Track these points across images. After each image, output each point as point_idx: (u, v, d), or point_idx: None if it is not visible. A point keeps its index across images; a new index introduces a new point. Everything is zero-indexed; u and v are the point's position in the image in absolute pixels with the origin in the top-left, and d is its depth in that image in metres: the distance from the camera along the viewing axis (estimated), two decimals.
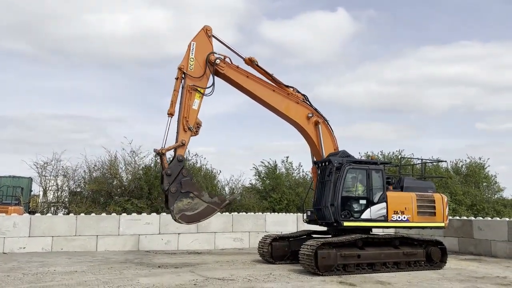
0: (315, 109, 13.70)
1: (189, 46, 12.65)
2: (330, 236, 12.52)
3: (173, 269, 11.73)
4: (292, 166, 26.51)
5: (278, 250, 13.25)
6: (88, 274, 10.62)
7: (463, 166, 31.27)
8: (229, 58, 13.03)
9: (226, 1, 62.10)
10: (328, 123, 13.77)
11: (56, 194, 23.86)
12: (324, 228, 13.26)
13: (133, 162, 23.17)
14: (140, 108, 74.50)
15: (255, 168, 26.55)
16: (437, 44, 72.99)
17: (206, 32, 12.95)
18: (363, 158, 20.69)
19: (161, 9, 63.83)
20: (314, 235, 13.33)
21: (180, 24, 63.76)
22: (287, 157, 26.54)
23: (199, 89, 12.41)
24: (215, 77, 12.81)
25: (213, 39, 13.12)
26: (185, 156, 12.31)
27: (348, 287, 9.47)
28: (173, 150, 12.04)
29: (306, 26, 68.25)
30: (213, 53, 12.77)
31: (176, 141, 12.03)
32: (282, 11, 76.09)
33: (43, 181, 23.88)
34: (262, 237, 13.80)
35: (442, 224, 12.98)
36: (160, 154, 11.87)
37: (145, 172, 22.85)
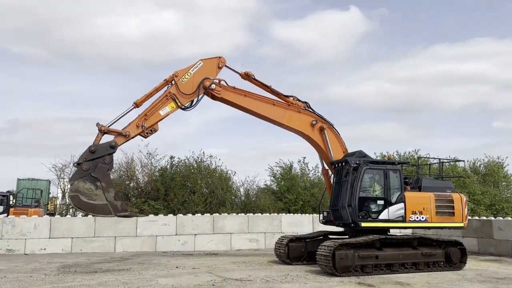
0: (319, 115, 13.43)
1: (195, 62, 12.57)
2: (347, 237, 12.47)
3: (191, 269, 11.82)
4: (307, 166, 26.46)
5: (294, 251, 13.24)
6: (108, 275, 10.77)
7: (481, 166, 30.81)
8: (225, 81, 12.76)
9: (237, 2, 62.37)
10: (333, 127, 13.51)
11: None
12: (341, 229, 13.21)
13: (150, 164, 23.41)
14: None
15: (270, 169, 26.58)
16: (449, 42, 72.14)
17: (218, 62, 12.80)
18: (379, 158, 20.55)
19: (172, 11, 64.41)
20: (330, 236, 13.29)
21: (190, 26, 64.26)
22: (304, 158, 26.49)
23: (177, 100, 12.13)
24: (208, 97, 12.63)
25: (224, 68, 12.98)
26: (118, 145, 11.56)
27: None
28: (114, 134, 11.63)
29: (317, 25, 68.14)
30: (208, 78, 12.49)
31: (123, 129, 11.66)
32: (293, 11, 76.09)
33: (61, 183, 24.31)
34: (279, 238, 13.81)
35: (461, 224, 12.81)
36: (100, 130, 11.40)
37: (161, 173, 23.08)
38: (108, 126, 11.51)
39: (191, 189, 22.63)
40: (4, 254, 15.06)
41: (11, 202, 21.95)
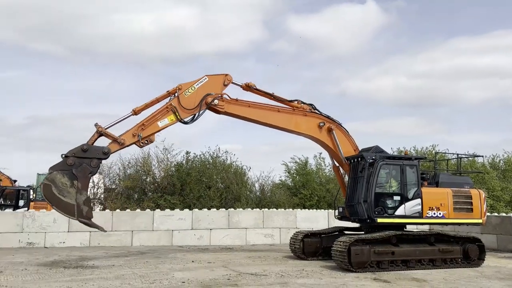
0: (325, 116, 13.21)
1: (201, 77, 12.32)
2: (363, 232, 12.40)
3: (206, 264, 11.92)
4: (324, 162, 26.34)
5: (310, 246, 13.22)
6: (125, 268, 10.94)
7: (501, 161, 30.21)
8: (227, 95, 12.53)
9: None
10: (341, 126, 13.30)
11: (92, 191, 24.61)
12: (356, 225, 13.15)
13: (166, 159, 23.64)
14: None
15: (285, 165, 26.56)
16: (468, 35, 70.55)
17: (224, 80, 12.54)
18: (395, 153, 20.33)
19: (187, 7, 64.44)
20: (346, 232, 13.23)
21: (206, 22, 64.24)
22: (320, 153, 26.36)
23: (177, 113, 11.89)
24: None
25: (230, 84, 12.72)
26: (111, 152, 11.38)
27: (382, 284, 9.37)
28: (109, 139, 11.47)
29: (333, 19, 67.39)
30: (210, 94, 12.22)
31: (120, 135, 11.45)
32: (309, 5, 75.33)
33: None
34: (294, 233, 13.81)
35: (480, 221, 12.61)
36: (98, 131, 11.27)
37: (177, 169, 23.29)
38: (106, 128, 11.37)
39: (207, 184, 22.80)
40: (24, 247, 15.42)
41: (31, 197, 22.40)
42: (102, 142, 11.58)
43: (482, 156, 28.63)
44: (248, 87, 12.95)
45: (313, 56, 71.53)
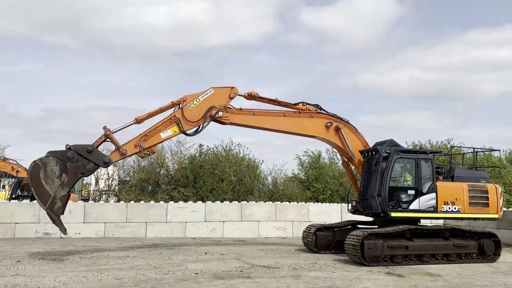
0: (332, 115, 13.04)
1: (206, 90, 12.15)
2: (376, 226, 12.33)
3: (219, 255, 12.00)
4: (336, 155, 26.22)
5: (322, 240, 13.21)
6: (139, 259, 11.08)
7: None
8: (231, 105, 12.35)
9: None
10: (349, 124, 13.16)
11: (107, 183, 24.95)
12: (370, 219, 13.08)
13: (179, 152, 23.82)
14: None
15: (298, 158, 26.52)
16: (484, 27, 69.22)
17: (230, 92, 12.33)
18: (410, 147, 20.11)
19: (200, 0, 64.43)
20: (359, 226, 13.17)
21: (219, 15, 64.17)
22: (333, 147, 26.24)
23: (180, 125, 11.78)
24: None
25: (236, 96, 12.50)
26: (111, 163, 11.46)
27: (396, 278, 9.31)
28: (114, 145, 11.48)
29: (347, 11, 66.74)
30: (213, 107, 12.04)
31: (122, 145, 11.40)
32: None
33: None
34: (307, 227, 13.80)
35: (496, 216, 12.42)
36: (105, 134, 11.25)
37: (191, 161, 23.46)
38: (113, 132, 11.36)
39: (220, 177, 22.91)
40: (41, 237, 15.72)
41: None
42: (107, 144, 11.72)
43: (499, 150, 28.09)
44: (251, 96, 12.68)
45: (326, 49, 71.01)
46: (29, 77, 69.70)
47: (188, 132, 12.08)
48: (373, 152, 12.40)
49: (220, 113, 12.13)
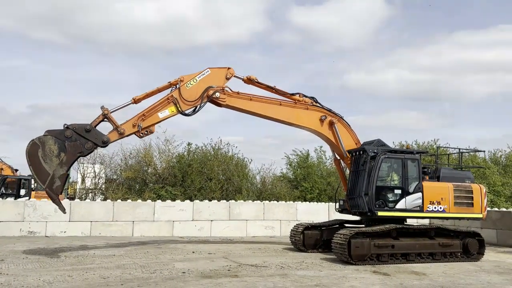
0: (327, 109, 13.14)
1: (203, 70, 12.23)
2: (363, 225, 12.42)
3: (207, 254, 11.97)
4: (324, 155, 26.36)
5: (310, 239, 13.26)
6: (126, 258, 11.00)
7: (502, 156, 30.18)
8: (228, 87, 12.44)
9: None
10: (343, 119, 13.25)
11: (93, 181, 24.70)
12: (357, 218, 13.17)
13: (167, 151, 23.69)
14: None
15: (287, 157, 26.57)
16: (473, 29, 70.22)
17: (227, 73, 12.42)
18: (397, 147, 20.29)
19: None
20: (346, 225, 13.26)
21: (208, 12, 64.01)
22: (321, 147, 26.38)
23: (178, 105, 11.81)
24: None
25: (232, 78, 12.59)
26: (110, 142, 11.31)
27: (382, 277, 9.40)
28: (112, 125, 11.38)
29: (337, 11, 67.14)
30: (211, 87, 12.14)
31: (120, 124, 11.35)
32: None
33: (81, 168, 24.75)
34: (294, 226, 13.85)
35: (480, 216, 12.61)
36: (104, 113, 11.17)
37: (179, 160, 23.34)
38: (111, 112, 11.28)
39: (208, 176, 22.84)
40: (26, 236, 15.51)
41: (32, 186, 22.48)
42: (103, 125, 11.53)
43: (484, 151, 28.64)
44: (250, 80, 12.84)
45: (316, 48, 71.26)
46: (15, 73, 68.70)
47: (185, 112, 12.06)
48: (361, 152, 12.50)
49: (217, 94, 12.17)
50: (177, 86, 11.98)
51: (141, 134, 11.72)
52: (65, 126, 10.86)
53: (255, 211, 18.24)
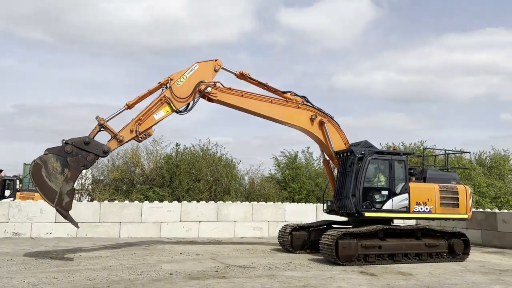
0: (318, 109, 13.22)
1: (191, 66, 12.23)
2: (351, 226, 12.50)
3: (194, 256, 11.92)
4: (312, 156, 26.49)
5: (298, 240, 13.29)
6: (112, 260, 10.89)
7: (487, 158, 30.67)
8: (220, 83, 12.49)
9: None
10: (333, 120, 13.35)
11: (80, 182, 24.39)
12: (344, 219, 13.24)
13: (155, 151, 23.55)
14: None
15: (275, 158, 26.63)
16: (460, 32, 71.26)
17: (215, 65, 12.46)
18: (384, 149, 20.47)
19: None
20: (334, 225, 13.32)
21: (197, 12, 63.87)
22: (308, 148, 26.52)
23: (172, 104, 11.81)
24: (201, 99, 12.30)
25: (221, 71, 12.66)
26: (110, 151, 11.35)
27: (369, 277, 9.47)
28: (109, 133, 11.35)
29: (325, 13, 67.52)
30: (203, 81, 12.17)
31: (117, 132, 11.32)
32: None
33: None
34: (282, 227, 13.87)
35: (466, 216, 12.78)
36: (100, 123, 11.12)
37: (166, 161, 23.21)
38: (107, 121, 11.23)
39: (196, 177, 22.77)
40: (10, 237, 15.26)
41: (17, 187, 22.17)
42: (101, 134, 11.44)
43: (469, 153, 29.11)
44: (242, 76, 12.92)
45: (304, 49, 71.59)
46: (1, 73, 67.62)
47: (180, 109, 12.04)
48: (348, 153, 12.57)
49: (209, 89, 12.20)
50: (168, 85, 11.95)
51: (140, 138, 11.71)
52: (64, 141, 10.79)
53: (243, 212, 18.22)
